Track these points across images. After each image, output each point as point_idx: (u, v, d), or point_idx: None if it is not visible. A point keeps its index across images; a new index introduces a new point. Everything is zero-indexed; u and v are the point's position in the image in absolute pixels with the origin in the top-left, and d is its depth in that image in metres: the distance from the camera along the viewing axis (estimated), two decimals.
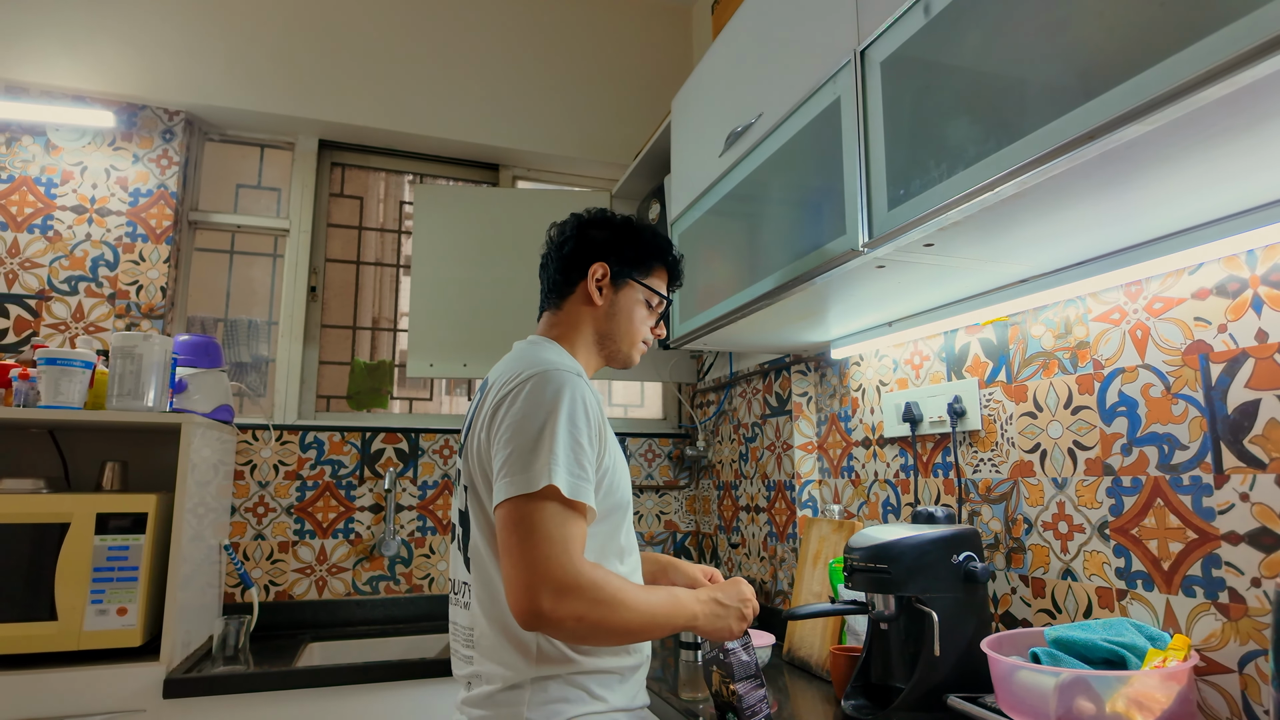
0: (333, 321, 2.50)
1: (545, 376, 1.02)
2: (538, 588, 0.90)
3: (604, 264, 1.20)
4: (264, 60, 2.38)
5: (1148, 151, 0.80)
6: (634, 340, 1.24)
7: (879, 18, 1.12)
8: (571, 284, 1.22)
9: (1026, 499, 1.33)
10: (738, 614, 1.12)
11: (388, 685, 1.70)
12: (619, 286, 1.22)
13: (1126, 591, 1.15)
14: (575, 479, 0.96)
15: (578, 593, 0.91)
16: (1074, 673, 0.93)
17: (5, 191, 2.12)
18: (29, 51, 2.16)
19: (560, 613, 0.90)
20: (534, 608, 0.90)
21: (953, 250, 1.11)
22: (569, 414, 0.99)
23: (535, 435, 0.96)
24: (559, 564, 0.91)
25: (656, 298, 1.25)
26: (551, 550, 0.91)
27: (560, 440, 0.96)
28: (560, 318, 1.22)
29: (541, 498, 0.93)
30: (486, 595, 1.05)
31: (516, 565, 0.92)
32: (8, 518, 1.56)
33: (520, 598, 0.91)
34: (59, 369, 1.65)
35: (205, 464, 1.86)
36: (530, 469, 0.94)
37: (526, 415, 0.98)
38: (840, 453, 1.88)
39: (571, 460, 0.96)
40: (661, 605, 1.02)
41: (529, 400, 1.00)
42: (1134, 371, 1.15)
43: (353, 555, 2.27)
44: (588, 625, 0.92)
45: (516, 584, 0.91)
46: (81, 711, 1.52)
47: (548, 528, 0.92)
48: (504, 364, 1.14)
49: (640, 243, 1.24)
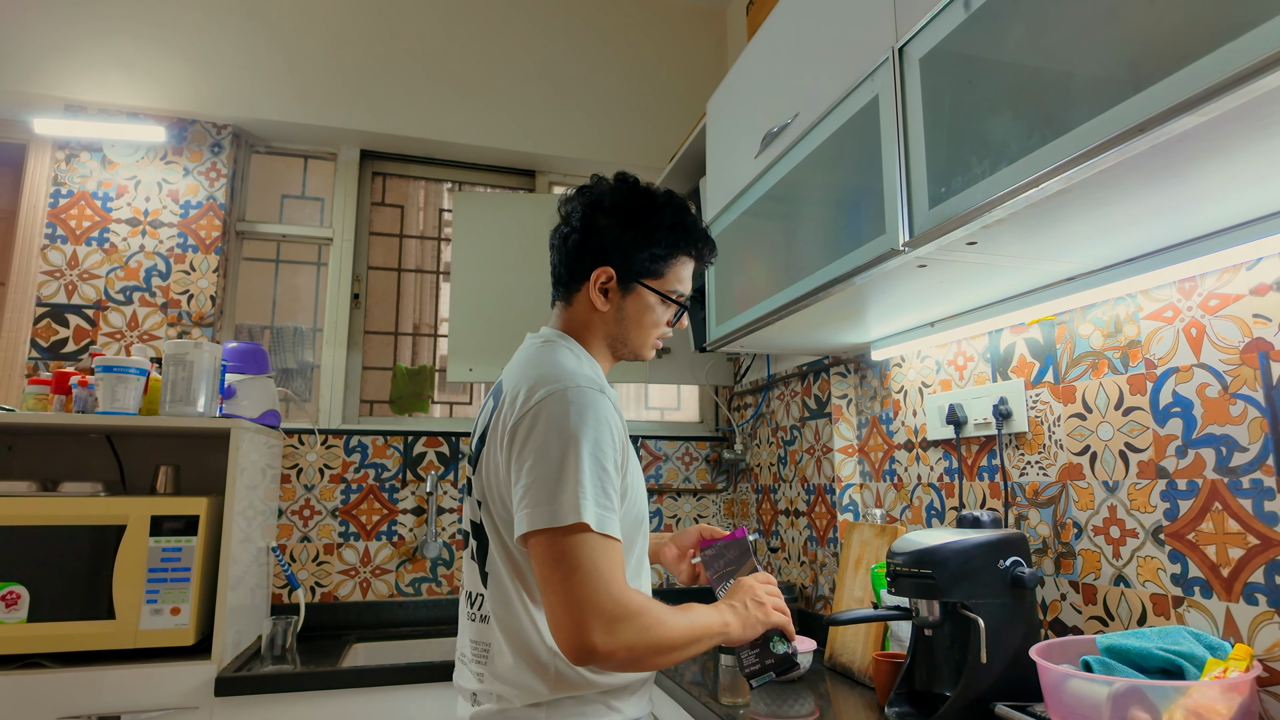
0: (375, 328, 2.55)
1: (565, 396, 0.95)
2: (588, 623, 0.87)
3: (607, 269, 1.09)
4: (308, 74, 2.44)
5: (1201, 143, 0.77)
6: (647, 340, 1.15)
7: (917, 14, 1.10)
8: (577, 280, 1.12)
9: (1076, 503, 1.30)
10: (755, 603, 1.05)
11: (431, 686, 1.72)
12: (627, 291, 1.11)
13: (1183, 599, 1.11)
14: (603, 510, 0.92)
15: (627, 622, 0.89)
16: (1128, 682, 0.90)
17: (65, 206, 2.20)
18: (87, 71, 2.25)
19: (612, 645, 0.87)
20: (586, 643, 0.87)
21: (997, 248, 1.09)
22: (594, 440, 0.94)
23: (559, 463, 0.92)
24: (606, 596, 0.88)
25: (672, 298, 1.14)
26: (597, 584, 0.88)
27: (586, 469, 0.92)
28: (572, 314, 1.14)
29: (574, 531, 0.90)
30: (505, 614, 1.01)
31: (563, 603, 0.88)
32: (68, 520, 1.62)
33: (571, 635, 0.88)
34: (115, 376, 1.71)
35: (253, 468, 1.91)
36: (557, 501, 0.90)
37: (548, 441, 0.93)
38: (882, 456, 1.85)
39: (599, 490, 0.92)
40: (699, 619, 0.98)
41: (550, 424, 0.94)
42: (1189, 371, 1.12)
43: (396, 557, 2.31)
44: (638, 653, 0.90)
45: (565, 622, 0.88)
46: (139, 708, 1.57)
47: (588, 561, 0.89)
48: (518, 366, 1.07)
49: (653, 236, 1.10)
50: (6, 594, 1.56)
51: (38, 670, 1.55)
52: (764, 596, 1.06)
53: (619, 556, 0.93)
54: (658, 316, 1.14)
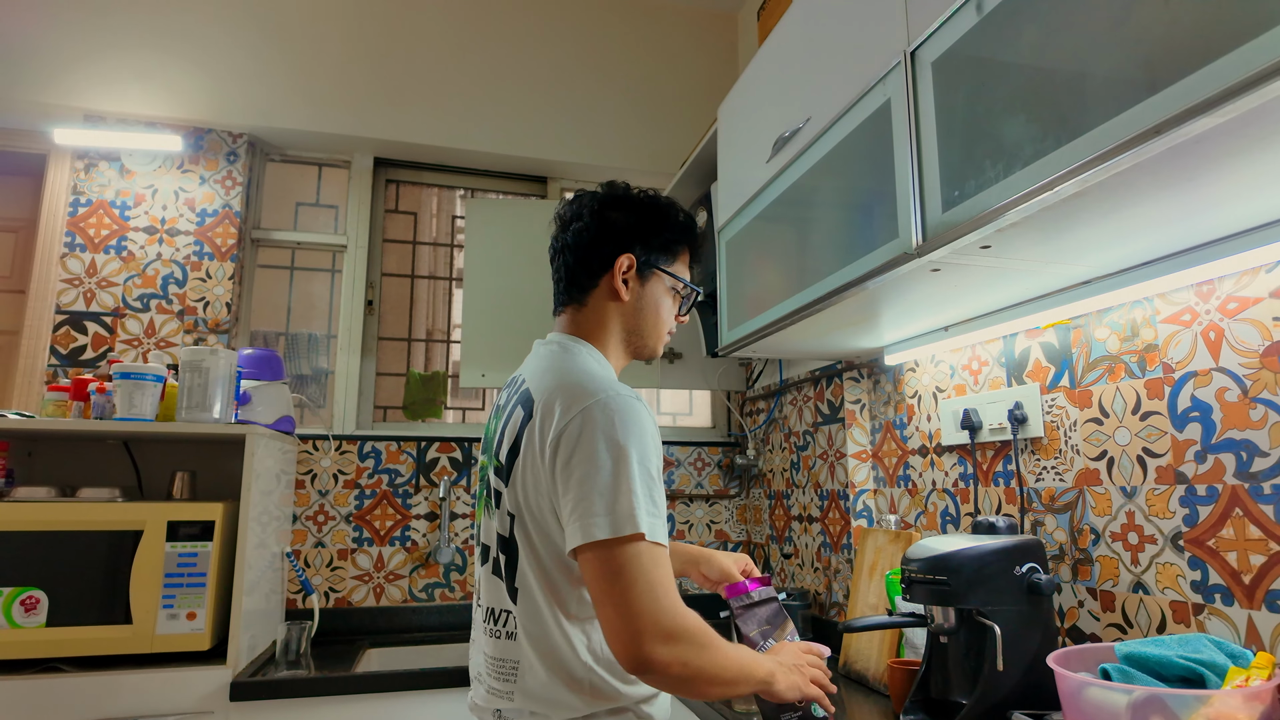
0: (389, 334, 2.56)
1: (607, 406, 0.96)
2: (646, 634, 0.88)
3: (630, 255, 1.11)
4: (321, 83, 2.46)
5: (1219, 145, 0.76)
6: (661, 334, 1.17)
7: (929, 18, 1.10)
8: (595, 277, 1.12)
9: (1093, 508, 1.28)
10: (798, 669, 1.05)
11: (445, 691, 1.72)
12: (646, 278, 1.13)
13: (1204, 606, 1.09)
14: (654, 519, 0.93)
15: (685, 637, 0.90)
16: (1148, 690, 0.89)
17: (84, 215, 2.23)
18: (106, 82, 2.28)
19: (668, 658, 0.88)
20: (643, 654, 0.88)
21: (1011, 252, 1.08)
22: (640, 448, 0.95)
23: (611, 474, 0.92)
24: (664, 609, 0.89)
25: (684, 286, 1.17)
26: (655, 595, 0.89)
27: (637, 479, 0.93)
28: (586, 315, 1.13)
29: (630, 541, 0.90)
30: (537, 630, 1.00)
31: (623, 615, 0.89)
32: (87, 525, 1.64)
33: (629, 646, 0.88)
34: (133, 383, 1.72)
35: (268, 473, 1.92)
36: (613, 511, 0.91)
37: (597, 451, 0.93)
38: (896, 461, 1.84)
39: (649, 499, 0.93)
40: (747, 657, 0.99)
41: (596, 434, 0.94)
42: (1207, 375, 1.10)
43: (409, 562, 2.32)
44: (691, 670, 0.90)
45: (624, 633, 0.89)
46: (154, 712, 1.58)
47: (645, 573, 0.90)
48: (544, 374, 1.05)
49: (666, 226, 1.14)
50: (26, 598, 1.58)
51: (56, 674, 1.57)
52: (806, 668, 1.07)
53: (669, 565, 0.94)
54: (670, 307, 1.18)
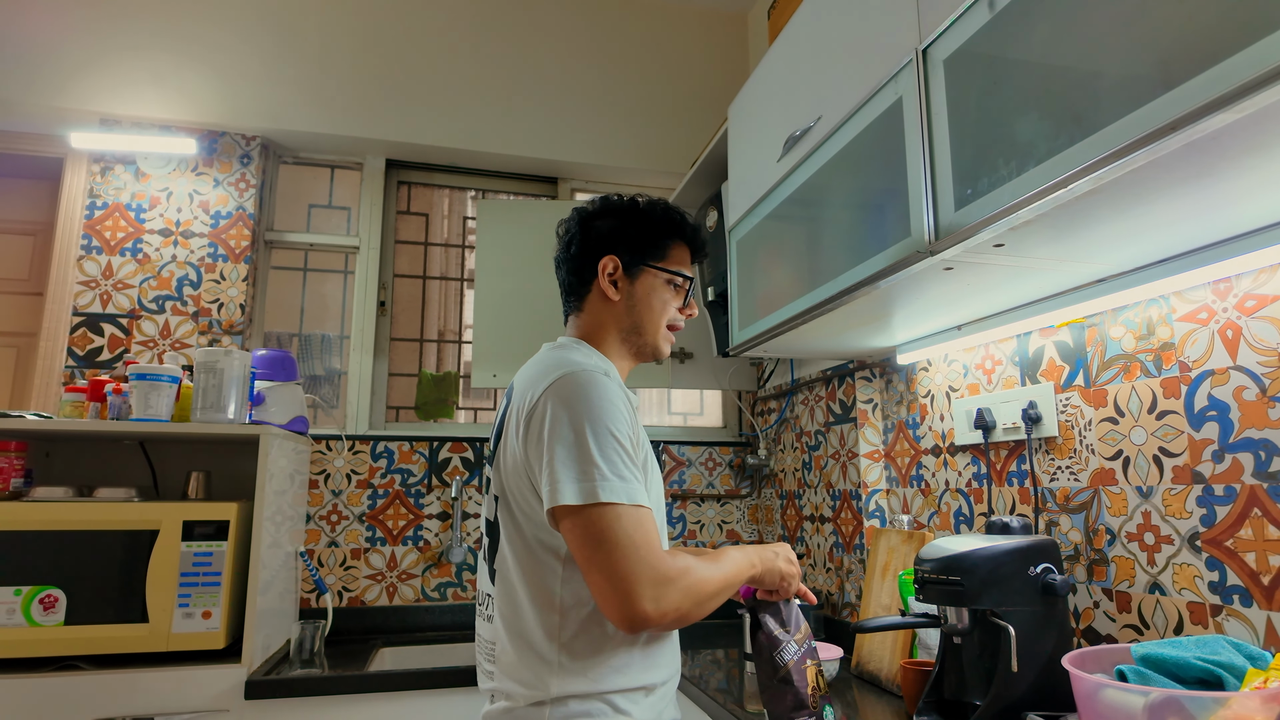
0: (401, 335, 2.58)
1: (572, 378, 1.00)
2: (636, 594, 0.90)
3: (613, 257, 1.15)
4: (334, 86, 2.48)
5: (1235, 141, 0.76)
6: (659, 328, 1.18)
7: (941, 15, 1.09)
8: (586, 283, 1.17)
9: (1108, 508, 1.27)
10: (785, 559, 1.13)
11: (458, 690, 1.73)
12: (634, 276, 1.17)
13: (1222, 607, 1.08)
14: (628, 483, 0.95)
15: (671, 585, 0.92)
16: (1165, 692, 0.88)
17: (101, 218, 2.25)
18: (122, 86, 2.30)
19: (662, 609, 0.91)
20: (637, 613, 0.90)
21: (1025, 250, 1.08)
22: (607, 415, 0.97)
23: (576, 441, 0.95)
24: (649, 565, 0.91)
25: (679, 278, 1.19)
26: (637, 555, 0.92)
27: (605, 444, 0.96)
28: (583, 319, 1.18)
29: (605, 506, 0.93)
30: (510, 609, 1.03)
31: (609, 578, 0.91)
32: (104, 524, 1.65)
33: (620, 608, 0.90)
34: (149, 384, 1.74)
35: (282, 473, 1.93)
36: (587, 478, 0.94)
37: (561, 420, 0.97)
38: (909, 461, 1.83)
39: (620, 463, 0.96)
40: (729, 565, 1.03)
41: (561, 404, 0.98)
42: (1224, 374, 1.09)
43: (422, 562, 2.33)
44: (684, 611, 0.94)
45: (612, 596, 0.91)
46: (171, 710, 1.59)
47: (625, 535, 0.92)
48: (529, 368, 1.11)
49: (648, 224, 1.18)
50: (45, 596, 1.60)
51: (74, 672, 1.58)
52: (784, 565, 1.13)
53: (651, 522, 0.96)
54: (666, 298, 1.19)
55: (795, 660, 1.09)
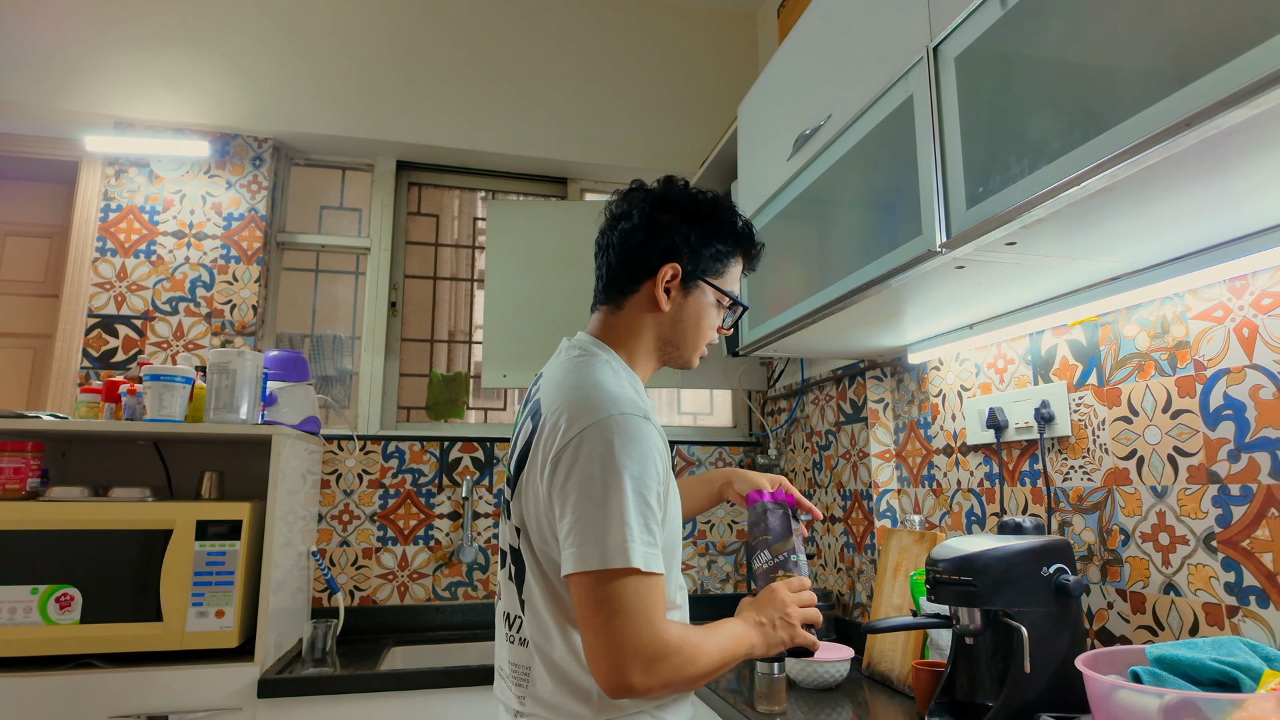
0: (412, 335, 2.59)
1: (608, 427, 0.92)
2: (627, 664, 0.88)
3: (675, 265, 1.06)
4: (345, 88, 2.49)
5: (1251, 137, 0.75)
6: (699, 346, 1.12)
7: (952, 13, 1.09)
8: (636, 281, 1.08)
9: (1122, 508, 1.26)
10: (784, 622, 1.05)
11: (469, 689, 1.74)
12: (689, 290, 1.08)
13: (1238, 608, 1.07)
14: (648, 549, 0.91)
15: (665, 660, 0.89)
16: (1180, 694, 0.87)
17: (115, 220, 2.27)
18: (136, 89, 2.32)
19: (650, 683, 0.89)
20: (624, 682, 0.88)
21: (1037, 248, 1.07)
22: (638, 473, 0.92)
23: (603, 500, 0.90)
24: (646, 638, 0.88)
25: (729, 300, 1.12)
26: (638, 625, 0.88)
27: (630, 506, 0.90)
28: (619, 320, 1.09)
29: (619, 574, 0.89)
30: (544, 643, 1.00)
31: (604, 643, 0.89)
32: (119, 524, 1.67)
33: (610, 674, 0.88)
34: (162, 384, 1.75)
35: (294, 473, 1.94)
36: (604, 542, 0.89)
37: (591, 476, 0.91)
38: (920, 461, 1.82)
39: (644, 528, 0.91)
40: (728, 644, 0.99)
41: (593, 457, 0.91)
42: (1240, 372, 1.08)
43: (432, 561, 2.34)
44: (674, 687, 0.92)
45: (604, 661, 0.89)
46: (185, 708, 1.60)
47: (631, 604, 0.89)
48: (555, 385, 1.03)
49: (717, 232, 1.09)
50: (61, 595, 1.62)
51: (90, 670, 1.60)
52: (794, 615, 1.06)
53: (660, 592, 0.92)
54: (713, 320, 1.12)
55: (764, 569, 1.14)
